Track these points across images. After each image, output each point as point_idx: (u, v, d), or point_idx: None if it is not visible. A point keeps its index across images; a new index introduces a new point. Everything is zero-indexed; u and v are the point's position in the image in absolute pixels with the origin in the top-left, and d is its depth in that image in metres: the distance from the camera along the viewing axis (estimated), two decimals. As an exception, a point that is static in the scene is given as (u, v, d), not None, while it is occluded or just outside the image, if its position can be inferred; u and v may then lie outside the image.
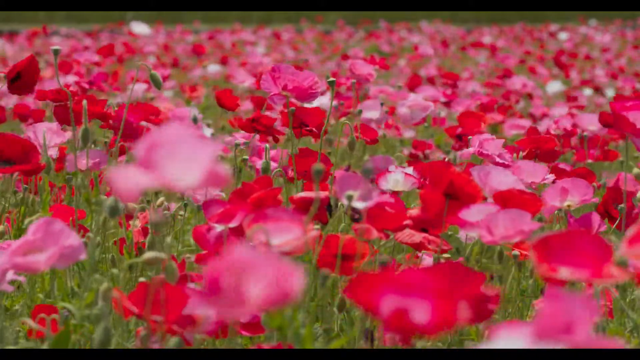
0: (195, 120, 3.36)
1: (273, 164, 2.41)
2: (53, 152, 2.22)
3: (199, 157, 1.02)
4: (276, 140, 2.45)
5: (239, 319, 0.98)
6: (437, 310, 1.00)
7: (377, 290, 1.02)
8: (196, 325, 1.29)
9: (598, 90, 6.23)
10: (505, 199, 1.67)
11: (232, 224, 1.50)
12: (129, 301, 1.35)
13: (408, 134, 4.24)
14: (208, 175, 1.01)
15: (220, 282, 0.97)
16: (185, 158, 1.02)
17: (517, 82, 5.67)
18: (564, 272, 1.18)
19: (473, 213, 1.54)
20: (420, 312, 1.00)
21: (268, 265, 0.98)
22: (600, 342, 0.89)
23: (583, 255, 1.19)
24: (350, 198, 1.47)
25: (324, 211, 1.78)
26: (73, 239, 1.34)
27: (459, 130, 2.78)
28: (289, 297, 0.97)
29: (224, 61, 8.50)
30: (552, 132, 2.87)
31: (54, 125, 2.22)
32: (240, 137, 2.77)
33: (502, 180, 1.73)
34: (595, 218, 1.99)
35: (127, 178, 1.00)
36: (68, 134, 2.28)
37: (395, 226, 1.62)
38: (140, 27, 10.89)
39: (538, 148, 2.39)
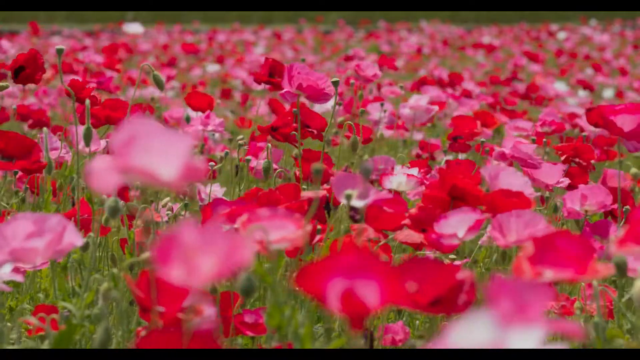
0: (187, 120, 3.35)
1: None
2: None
3: (175, 151, 1.02)
4: (294, 145, 2.44)
5: (196, 287, 1.00)
6: (384, 286, 1.01)
7: (324, 276, 1.02)
8: (197, 317, 1.30)
9: (591, 90, 6.24)
10: (495, 205, 1.65)
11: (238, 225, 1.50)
12: (136, 287, 1.36)
13: (416, 135, 4.24)
14: (185, 168, 1.02)
15: (171, 258, 0.99)
16: (161, 151, 1.02)
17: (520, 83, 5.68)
18: (548, 274, 1.18)
19: (452, 224, 1.51)
20: (368, 291, 1.01)
21: (217, 240, 0.99)
22: (556, 323, 0.90)
23: (566, 256, 1.19)
24: (349, 197, 1.47)
25: (323, 211, 1.79)
26: (69, 228, 1.35)
27: (454, 132, 2.79)
28: (240, 267, 0.99)
29: (220, 60, 8.50)
30: (539, 130, 2.87)
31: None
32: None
33: (511, 181, 1.71)
34: (612, 225, 2.02)
35: (103, 171, 1.01)
36: (103, 142, 2.26)
37: (393, 226, 1.63)
38: (134, 27, 10.89)
39: (576, 156, 2.39)
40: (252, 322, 1.62)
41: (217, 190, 2.53)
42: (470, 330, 0.84)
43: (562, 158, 2.42)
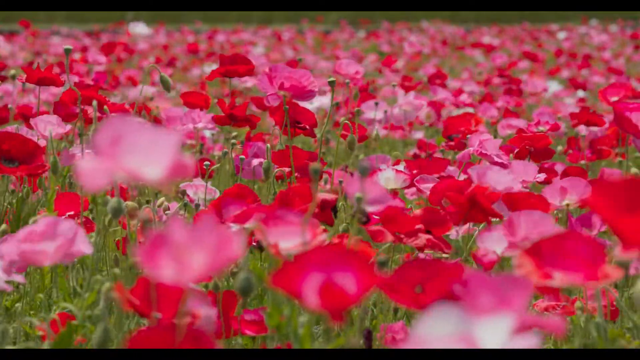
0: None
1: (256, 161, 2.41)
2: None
3: (161, 148, 1.02)
4: (253, 127, 2.44)
5: (187, 283, 1.00)
6: (360, 276, 1.02)
7: (300, 273, 1.03)
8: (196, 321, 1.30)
9: (584, 89, 6.23)
10: (514, 202, 1.68)
11: (248, 225, 1.50)
12: (131, 295, 1.36)
13: (416, 134, 4.23)
14: (172, 165, 1.01)
15: (158, 256, 0.99)
16: (146, 150, 1.01)
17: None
18: (557, 278, 1.16)
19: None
20: (346, 281, 1.02)
21: (207, 235, 0.99)
22: (537, 318, 0.90)
23: (576, 258, 1.17)
24: (360, 200, 1.46)
25: (330, 213, 1.78)
26: (80, 234, 1.36)
27: (447, 131, 2.79)
28: (230, 261, 0.99)
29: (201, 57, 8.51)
30: (535, 130, 2.87)
31: (54, 118, 2.25)
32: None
33: (499, 179, 1.73)
34: (596, 218, 1.98)
35: (91, 171, 1.00)
36: (68, 126, 2.30)
37: (407, 230, 1.62)
38: (139, 28, 10.88)
39: (531, 146, 2.38)
40: (253, 320, 1.61)
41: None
42: (436, 324, 0.83)
43: (517, 150, 2.40)
